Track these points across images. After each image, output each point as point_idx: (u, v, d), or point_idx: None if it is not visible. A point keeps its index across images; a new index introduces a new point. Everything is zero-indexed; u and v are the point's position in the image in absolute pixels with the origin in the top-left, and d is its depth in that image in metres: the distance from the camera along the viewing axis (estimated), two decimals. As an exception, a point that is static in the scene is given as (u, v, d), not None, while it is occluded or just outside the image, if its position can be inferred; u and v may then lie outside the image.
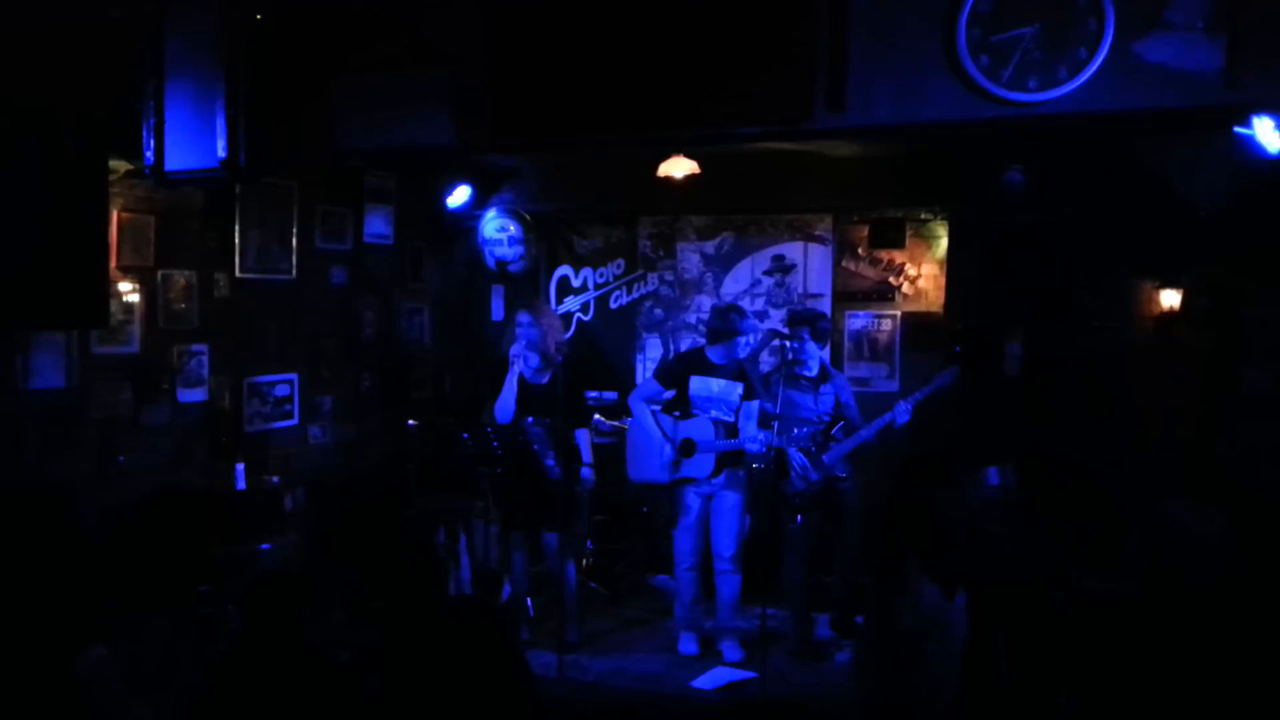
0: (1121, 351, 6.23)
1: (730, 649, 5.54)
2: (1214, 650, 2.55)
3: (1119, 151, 5.30)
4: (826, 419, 5.48)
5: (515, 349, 5.56)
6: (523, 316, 5.62)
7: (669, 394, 5.62)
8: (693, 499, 5.51)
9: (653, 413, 5.59)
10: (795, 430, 5.38)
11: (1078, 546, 5.14)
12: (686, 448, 5.45)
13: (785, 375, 5.35)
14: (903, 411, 5.27)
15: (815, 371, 5.53)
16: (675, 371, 5.61)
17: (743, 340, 5.43)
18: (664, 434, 5.50)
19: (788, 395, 5.34)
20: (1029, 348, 6.48)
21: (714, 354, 5.48)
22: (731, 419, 5.46)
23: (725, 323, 5.43)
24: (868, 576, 5.41)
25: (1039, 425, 6.20)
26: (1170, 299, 6.17)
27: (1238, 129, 4.11)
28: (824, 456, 5.43)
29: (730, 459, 5.45)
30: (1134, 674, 2.63)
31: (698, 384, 5.49)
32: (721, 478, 5.44)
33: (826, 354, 5.81)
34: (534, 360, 5.59)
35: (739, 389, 5.44)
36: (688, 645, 5.64)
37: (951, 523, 3.24)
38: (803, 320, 5.55)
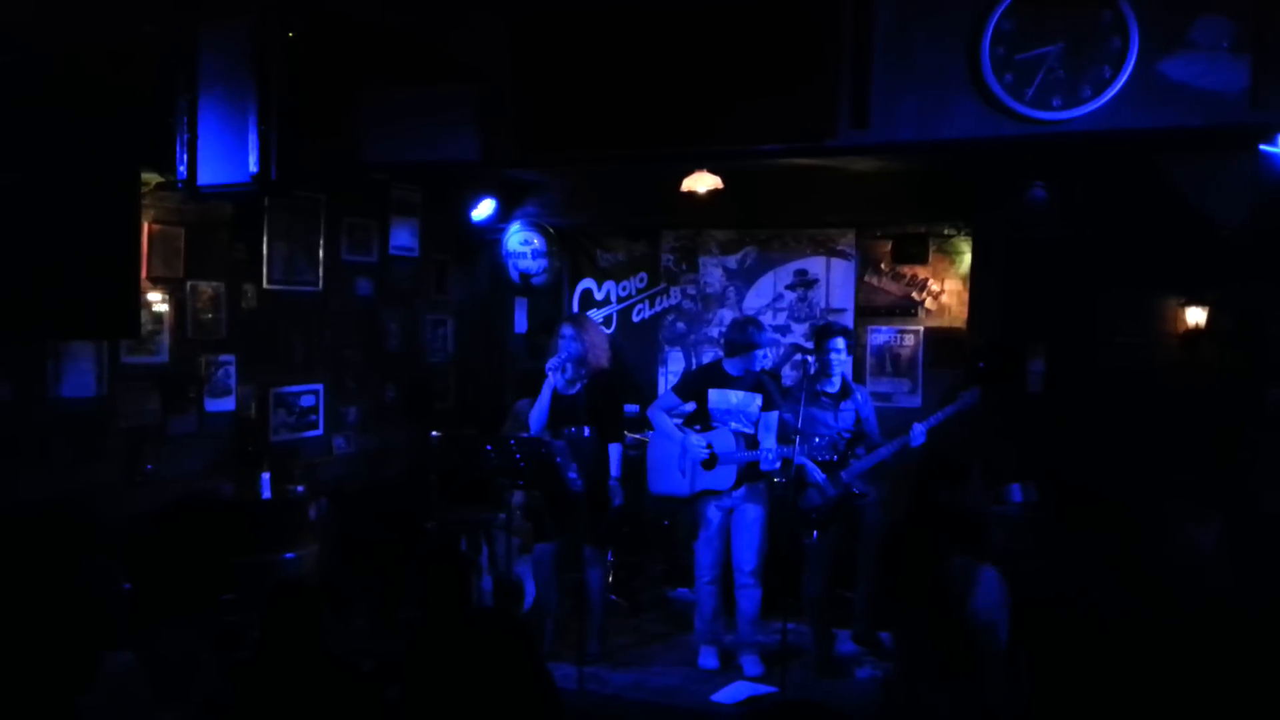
0: (1145, 369, 6.20)
1: (750, 663, 5.53)
2: (1235, 670, 2.54)
3: (1142, 168, 5.28)
4: (847, 435, 5.47)
5: (554, 361, 5.54)
6: (566, 329, 5.61)
7: (688, 407, 5.64)
8: (713, 512, 5.52)
9: (676, 425, 5.62)
10: (815, 445, 5.37)
11: (1099, 565, 5.12)
12: (709, 460, 5.47)
13: (807, 391, 5.34)
14: (918, 435, 5.25)
15: (837, 388, 5.53)
16: (694, 384, 5.64)
17: (760, 353, 5.45)
18: (686, 440, 5.52)
19: (808, 412, 5.33)
20: (1052, 364, 6.46)
21: (731, 366, 5.50)
22: (752, 430, 5.47)
23: (743, 335, 5.45)
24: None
25: (1061, 442, 6.18)
26: (1194, 316, 6.14)
27: (1263, 147, 4.10)
28: (843, 473, 5.42)
29: (751, 472, 5.46)
30: (1155, 694, 2.63)
31: (716, 396, 5.51)
32: (742, 491, 5.45)
33: (849, 368, 5.81)
34: (569, 372, 5.60)
35: (758, 400, 5.46)
36: (708, 659, 5.63)
37: (963, 522, 3.24)
38: (837, 332, 5.53)
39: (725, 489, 5.45)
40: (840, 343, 5.46)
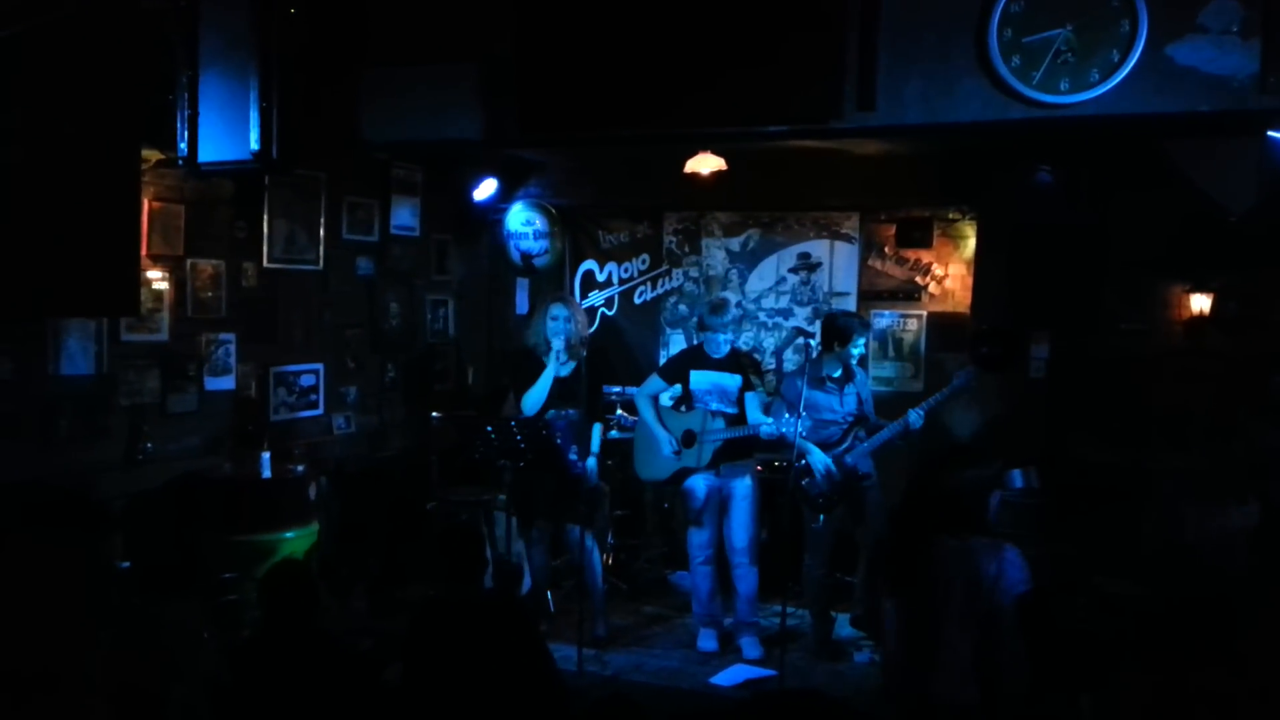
0: (1149, 355, 6.18)
1: (749, 646, 5.54)
2: (1236, 657, 2.53)
3: (1149, 153, 5.25)
4: (850, 419, 5.46)
5: (555, 343, 5.53)
6: (559, 309, 5.61)
7: (674, 389, 5.69)
8: (699, 491, 5.53)
9: (655, 409, 5.69)
10: (818, 430, 5.37)
11: (1101, 551, 5.11)
12: (687, 438, 5.51)
13: (810, 375, 5.32)
14: (916, 418, 5.24)
15: (840, 372, 5.51)
16: (676, 366, 5.74)
17: (721, 338, 5.50)
18: (664, 427, 5.61)
19: (811, 395, 5.33)
20: (1055, 350, 6.44)
21: (711, 348, 5.53)
22: (732, 410, 5.50)
23: (707, 321, 5.54)
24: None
25: (1064, 428, 6.16)
26: (1199, 303, 6.11)
27: (1271, 132, 4.08)
28: (846, 456, 5.41)
29: (733, 451, 5.47)
30: (1155, 680, 2.62)
31: (697, 378, 5.57)
32: (728, 470, 5.48)
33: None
34: (564, 353, 5.59)
35: (737, 381, 5.49)
36: (707, 641, 5.64)
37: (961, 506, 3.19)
38: (862, 330, 5.52)
39: (701, 466, 5.49)
40: (863, 342, 5.48)
